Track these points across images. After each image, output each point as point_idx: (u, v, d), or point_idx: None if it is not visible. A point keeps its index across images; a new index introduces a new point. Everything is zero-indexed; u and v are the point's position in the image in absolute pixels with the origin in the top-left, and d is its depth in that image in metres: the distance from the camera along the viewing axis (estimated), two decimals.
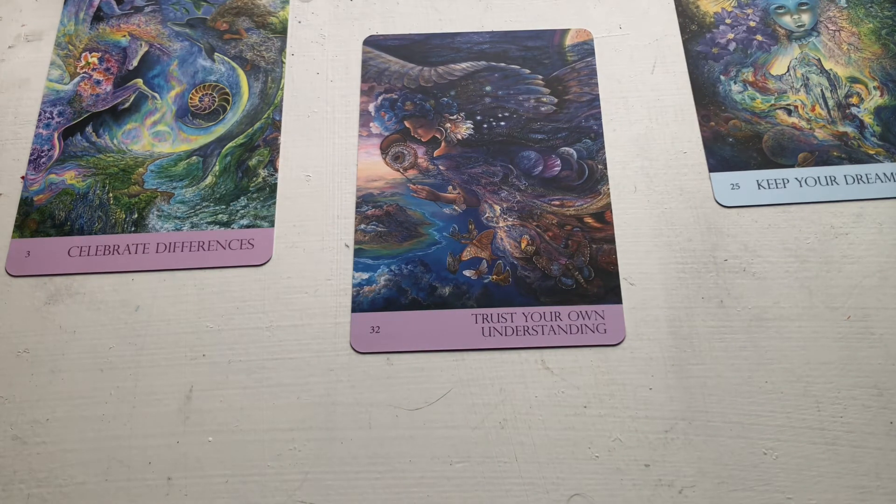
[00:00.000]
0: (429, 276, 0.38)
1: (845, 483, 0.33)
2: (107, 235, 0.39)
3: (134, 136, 0.42)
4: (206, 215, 0.39)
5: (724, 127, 0.41)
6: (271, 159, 0.41)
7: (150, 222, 0.39)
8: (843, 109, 0.41)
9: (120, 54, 0.44)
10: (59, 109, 0.42)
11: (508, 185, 0.40)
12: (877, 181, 0.39)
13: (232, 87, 0.43)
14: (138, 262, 0.38)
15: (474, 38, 0.44)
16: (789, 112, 0.41)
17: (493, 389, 0.35)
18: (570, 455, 0.34)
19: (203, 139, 0.41)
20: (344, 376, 0.36)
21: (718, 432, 0.34)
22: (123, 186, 0.40)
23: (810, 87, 0.42)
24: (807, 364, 0.35)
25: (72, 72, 0.44)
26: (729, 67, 0.43)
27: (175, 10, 0.45)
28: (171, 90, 0.43)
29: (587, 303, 0.37)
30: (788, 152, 0.40)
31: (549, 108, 0.42)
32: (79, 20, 0.45)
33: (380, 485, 0.33)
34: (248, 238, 0.38)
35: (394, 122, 0.42)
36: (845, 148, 0.40)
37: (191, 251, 0.38)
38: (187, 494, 0.33)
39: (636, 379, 0.35)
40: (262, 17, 0.45)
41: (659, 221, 0.39)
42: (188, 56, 0.44)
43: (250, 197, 0.40)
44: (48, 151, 0.41)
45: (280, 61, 0.43)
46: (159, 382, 0.36)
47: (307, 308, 0.37)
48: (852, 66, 0.43)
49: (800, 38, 0.44)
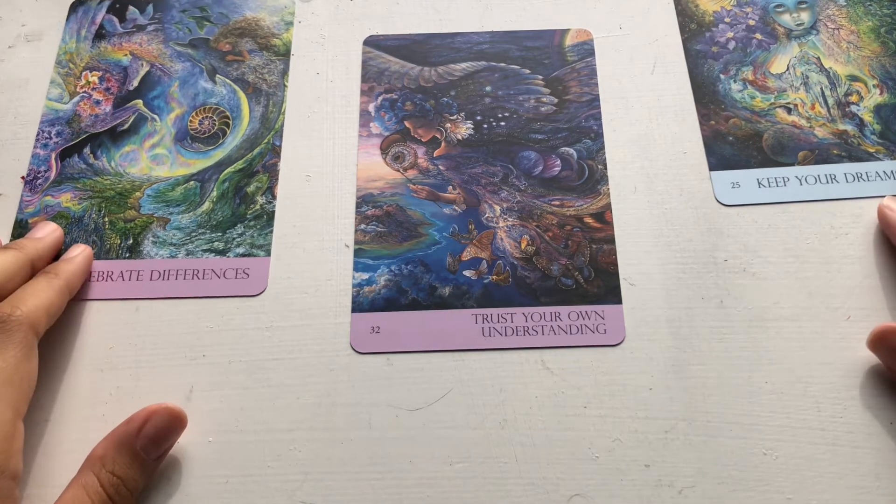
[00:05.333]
0: (429, 277, 0.38)
1: (845, 483, 0.33)
2: (101, 261, 0.38)
3: (132, 158, 0.41)
4: (202, 242, 0.38)
5: (724, 126, 0.41)
6: (270, 186, 0.40)
7: (146, 248, 0.38)
8: (842, 108, 0.41)
9: (121, 74, 0.43)
10: (58, 129, 0.42)
11: (508, 186, 0.40)
12: (877, 179, 0.39)
13: (233, 111, 0.42)
14: (132, 289, 0.37)
15: (474, 38, 0.44)
16: (789, 110, 0.41)
17: (493, 390, 0.35)
18: (570, 455, 0.34)
19: (202, 163, 0.41)
20: (344, 376, 0.36)
21: (718, 432, 0.34)
22: (120, 211, 0.39)
23: (810, 86, 0.42)
24: (807, 364, 0.35)
25: (71, 91, 0.43)
26: (728, 66, 0.43)
27: (178, 30, 0.44)
28: (171, 112, 0.42)
29: (587, 303, 0.37)
30: (788, 151, 0.40)
31: (549, 109, 0.42)
32: (80, 38, 0.44)
33: (380, 485, 0.33)
34: (243, 267, 0.38)
35: (394, 123, 0.42)
36: (845, 146, 0.40)
37: (185, 279, 0.37)
38: (187, 494, 0.33)
39: (636, 379, 0.35)
40: (265, 38, 0.44)
41: (659, 221, 0.39)
42: (189, 77, 0.43)
43: (247, 225, 0.39)
44: (45, 172, 0.40)
45: (282, 85, 0.42)
46: (159, 382, 0.36)
47: (307, 308, 0.37)
48: (852, 65, 0.43)
49: (799, 36, 0.44)
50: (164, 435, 0.32)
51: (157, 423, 0.32)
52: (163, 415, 0.32)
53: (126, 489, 0.31)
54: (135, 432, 0.32)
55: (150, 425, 0.32)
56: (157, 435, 0.32)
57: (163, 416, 0.32)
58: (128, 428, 0.32)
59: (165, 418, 0.32)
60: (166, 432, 0.33)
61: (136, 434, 0.32)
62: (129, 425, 0.32)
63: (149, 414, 0.32)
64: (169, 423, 0.33)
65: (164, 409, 0.33)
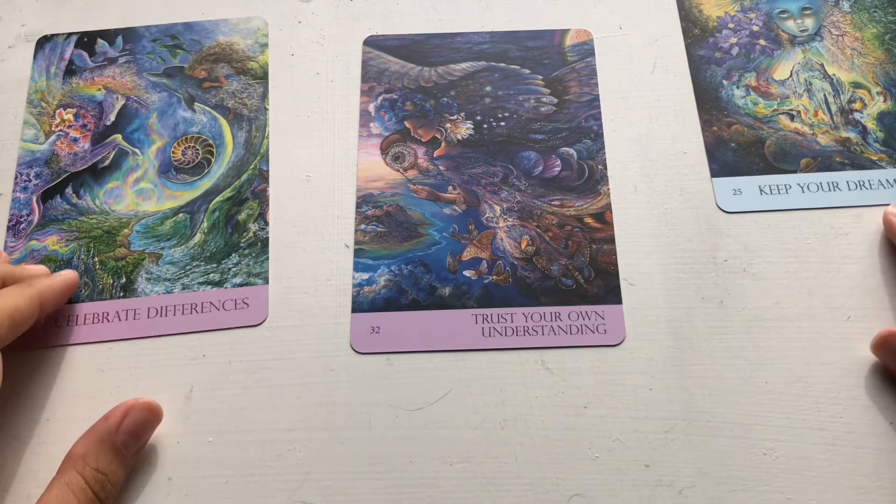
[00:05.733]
0: (429, 277, 0.38)
1: (845, 483, 0.33)
2: (95, 303, 0.37)
3: (117, 195, 0.40)
4: (198, 275, 0.37)
5: (726, 132, 0.41)
6: (261, 212, 0.39)
7: (140, 286, 0.37)
8: (845, 115, 0.41)
9: (96, 109, 0.42)
10: (37, 171, 0.40)
11: (508, 186, 0.40)
12: (879, 187, 0.39)
13: (215, 138, 0.41)
14: (130, 329, 0.36)
15: (474, 38, 0.44)
16: (792, 117, 0.41)
17: (493, 390, 0.35)
18: (570, 455, 0.34)
19: (189, 195, 0.40)
20: (344, 376, 0.36)
21: (718, 432, 0.34)
22: (109, 249, 0.38)
23: (813, 93, 0.42)
24: (807, 364, 0.35)
25: (46, 130, 0.41)
26: (731, 72, 0.43)
27: (150, 60, 0.43)
28: (153, 144, 0.41)
29: (587, 303, 0.37)
30: (791, 158, 0.40)
31: (549, 109, 0.42)
32: (50, 75, 0.43)
33: (380, 485, 0.33)
34: (242, 297, 0.37)
35: (394, 123, 0.42)
36: (848, 154, 0.40)
37: (183, 314, 0.37)
38: (187, 494, 0.33)
39: (636, 379, 0.35)
40: (241, 62, 0.43)
41: (659, 222, 0.39)
42: (167, 108, 0.42)
43: (242, 253, 0.38)
44: (27, 217, 0.39)
45: (263, 108, 0.42)
46: (159, 382, 0.36)
47: (307, 308, 0.37)
48: (855, 72, 0.42)
49: (803, 42, 0.43)
50: (143, 428, 0.33)
51: (135, 417, 0.32)
52: (140, 409, 0.33)
53: (110, 484, 0.31)
54: (114, 428, 0.32)
55: (129, 420, 0.32)
56: (137, 429, 0.33)
57: (140, 410, 0.33)
58: (107, 424, 0.32)
59: (143, 412, 0.33)
60: (145, 425, 0.33)
61: (115, 430, 0.32)
62: (107, 421, 0.32)
63: (126, 409, 0.33)
64: (147, 416, 0.33)
65: (141, 403, 0.33)
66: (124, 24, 0.45)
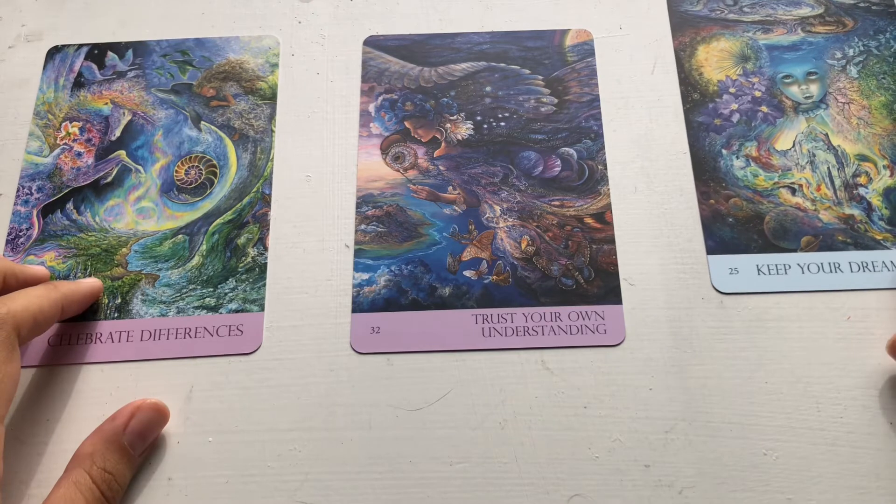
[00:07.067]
0: (429, 277, 0.38)
1: (845, 483, 0.33)
2: (90, 322, 0.36)
3: (117, 213, 0.39)
4: (193, 299, 0.37)
5: (724, 205, 0.38)
6: (261, 237, 0.38)
7: (135, 307, 0.37)
8: (850, 189, 0.39)
9: (102, 123, 0.41)
10: (39, 184, 0.39)
11: (508, 186, 0.40)
12: (883, 269, 0.37)
13: (219, 159, 0.40)
14: (122, 351, 0.36)
15: (474, 38, 0.44)
16: (793, 191, 0.39)
17: (493, 390, 0.35)
18: (570, 455, 0.34)
19: (189, 216, 0.39)
20: (344, 376, 0.36)
21: (718, 433, 0.34)
22: (106, 268, 0.37)
23: (816, 165, 0.39)
24: (807, 364, 0.35)
25: (51, 143, 0.41)
26: (731, 141, 0.40)
27: (159, 76, 0.42)
28: (156, 162, 0.40)
29: (587, 303, 0.37)
30: (791, 235, 0.38)
31: (549, 109, 0.42)
32: (59, 87, 0.42)
33: (380, 485, 0.33)
34: (236, 324, 0.36)
35: (394, 123, 0.42)
36: (851, 232, 0.38)
37: (177, 339, 0.36)
38: (187, 495, 0.33)
39: (636, 379, 0.35)
40: (250, 82, 0.42)
41: (659, 221, 0.39)
42: (173, 125, 0.41)
43: (239, 279, 0.37)
44: (27, 231, 0.38)
45: (270, 130, 0.41)
46: (159, 382, 0.36)
47: (307, 308, 0.37)
48: (861, 143, 0.40)
49: (807, 110, 0.41)
50: (149, 429, 0.33)
51: (142, 417, 0.33)
52: (147, 409, 0.33)
53: (117, 484, 0.31)
54: (121, 428, 0.32)
55: (137, 420, 0.33)
56: (143, 429, 0.33)
57: (147, 411, 0.33)
58: (114, 424, 0.32)
59: (150, 412, 0.33)
60: (151, 426, 0.33)
61: (122, 430, 0.32)
62: (114, 422, 0.32)
63: (134, 410, 0.33)
64: (154, 417, 0.33)
65: (148, 404, 0.33)
66: (124, 26, 0.45)
